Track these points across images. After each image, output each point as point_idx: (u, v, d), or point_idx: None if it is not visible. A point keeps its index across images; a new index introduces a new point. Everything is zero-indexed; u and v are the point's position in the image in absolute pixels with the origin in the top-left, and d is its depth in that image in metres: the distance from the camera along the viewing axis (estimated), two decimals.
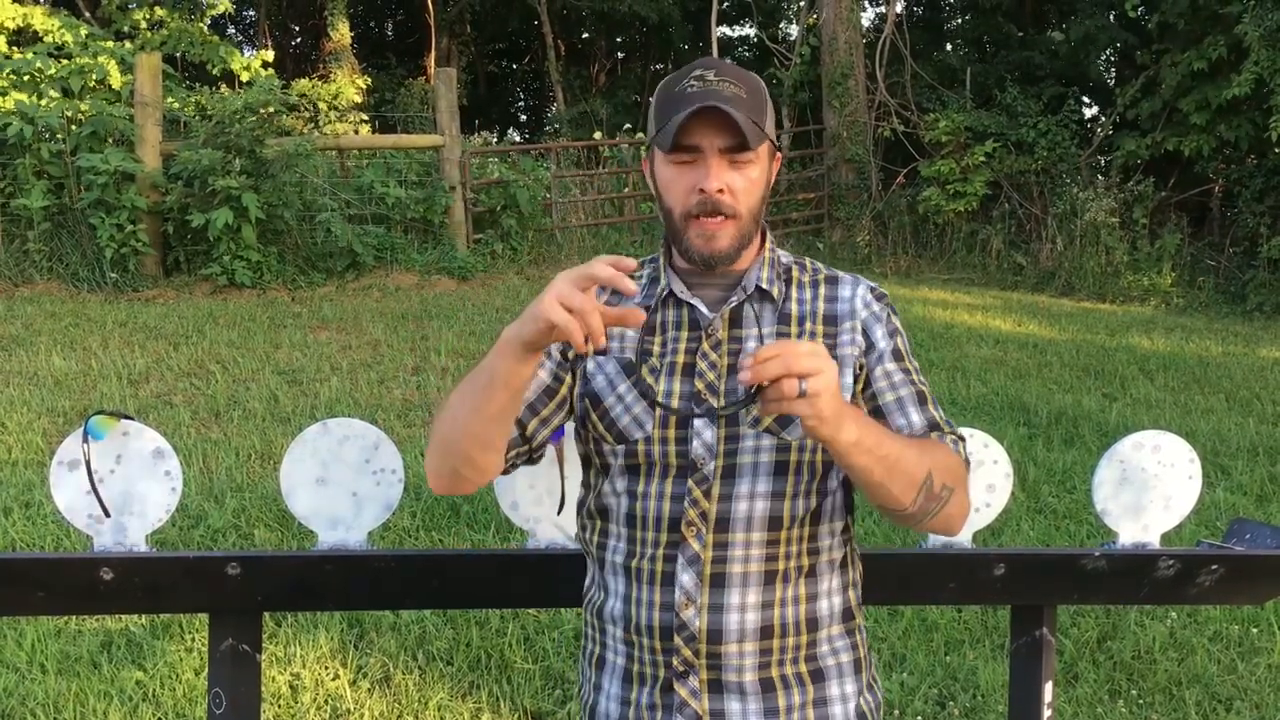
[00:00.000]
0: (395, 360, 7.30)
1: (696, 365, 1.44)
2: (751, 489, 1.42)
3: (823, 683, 1.46)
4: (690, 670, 1.42)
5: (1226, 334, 9.91)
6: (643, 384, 1.45)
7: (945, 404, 6.56)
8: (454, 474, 1.43)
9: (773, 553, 1.43)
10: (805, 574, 1.46)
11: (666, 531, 1.43)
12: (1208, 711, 3.28)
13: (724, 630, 1.41)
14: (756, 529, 1.42)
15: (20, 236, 9.56)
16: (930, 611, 3.78)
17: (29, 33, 12.51)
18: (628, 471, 1.46)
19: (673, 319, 1.48)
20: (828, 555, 1.48)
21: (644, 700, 1.46)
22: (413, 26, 24.79)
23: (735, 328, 1.46)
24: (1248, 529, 2.00)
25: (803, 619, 1.45)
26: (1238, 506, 4.92)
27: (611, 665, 1.50)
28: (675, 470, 1.43)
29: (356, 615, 3.66)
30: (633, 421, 1.44)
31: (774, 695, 1.43)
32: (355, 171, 11.21)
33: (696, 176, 1.40)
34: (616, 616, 1.48)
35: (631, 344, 1.47)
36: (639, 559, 1.45)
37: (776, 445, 1.42)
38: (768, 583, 1.43)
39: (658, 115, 1.43)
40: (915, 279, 12.84)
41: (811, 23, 15.71)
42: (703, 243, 1.42)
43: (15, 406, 5.92)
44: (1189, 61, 12.62)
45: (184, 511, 4.47)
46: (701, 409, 1.42)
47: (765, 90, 1.45)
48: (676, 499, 1.43)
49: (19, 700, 3.17)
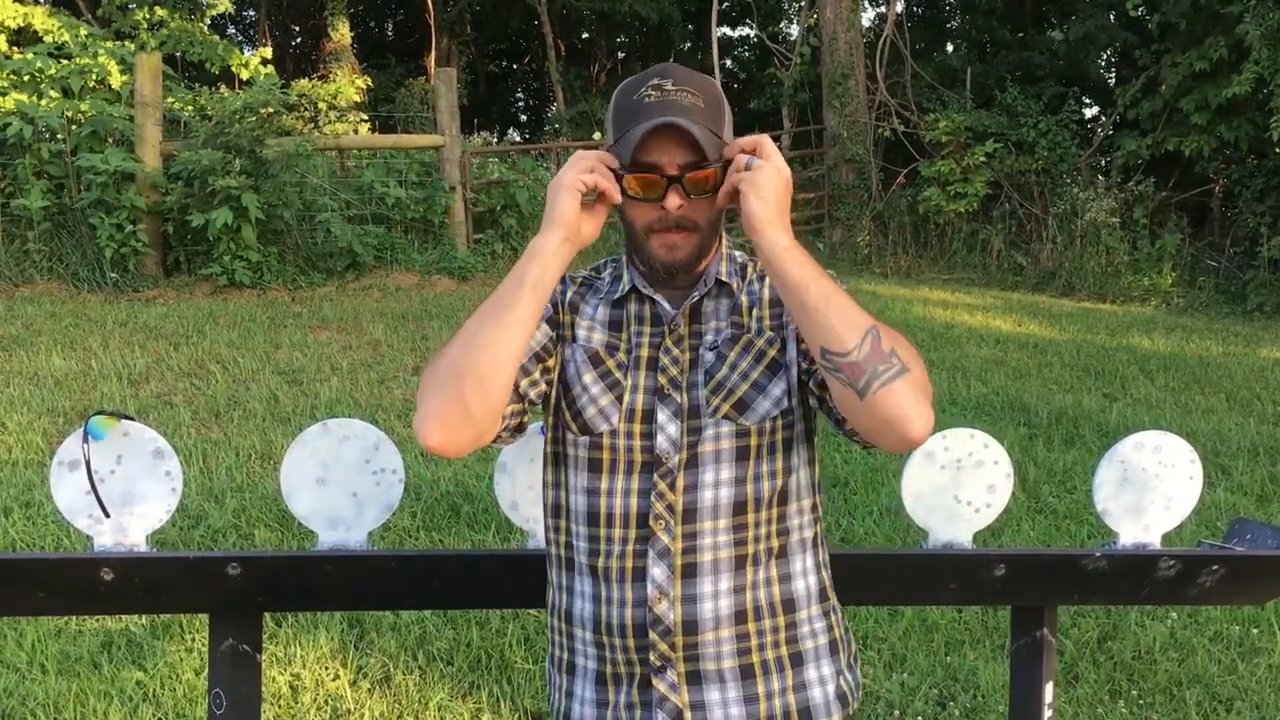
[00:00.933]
0: (395, 360, 7.30)
1: (659, 360, 1.46)
2: (715, 476, 1.43)
3: (802, 666, 1.47)
4: (667, 664, 1.42)
5: (1227, 334, 9.90)
6: (610, 377, 1.46)
7: (945, 404, 6.56)
8: (460, 408, 1.34)
9: (741, 537, 1.44)
10: (776, 555, 1.47)
11: (635, 527, 1.43)
12: (1208, 712, 3.28)
13: (699, 620, 1.42)
14: (723, 515, 1.43)
15: (20, 236, 9.56)
16: (930, 612, 3.77)
17: (29, 33, 12.51)
18: (589, 467, 1.46)
19: (635, 313, 1.50)
20: (798, 534, 1.50)
21: (622, 700, 1.45)
22: (413, 26, 24.80)
23: (695, 322, 1.49)
24: (1248, 529, 2.00)
25: (777, 600, 1.46)
26: (1238, 507, 4.92)
27: (583, 669, 1.49)
28: (640, 465, 1.44)
29: (357, 615, 3.66)
30: (599, 414, 1.46)
31: (753, 682, 1.44)
32: (355, 171, 11.22)
33: (653, 201, 1.40)
34: (585, 619, 1.47)
35: (600, 336, 1.49)
36: (605, 557, 1.44)
37: (736, 431, 1.44)
38: (738, 567, 1.44)
39: (615, 124, 1.43)
40: (916, 279, 12.84)
41: (811, 23, 15.72)
42: (665, 252, 1.43)
43: (16, 406, 5.91)
44: (1190, 61, 12.62)
45: (184, 512, 4.47)
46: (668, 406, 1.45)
47: (722, 95, 1.46)
48: (643, 494, 1.43)
49: (19, 700, 3.16)
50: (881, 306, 10.24)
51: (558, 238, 1.38)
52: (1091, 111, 17.55)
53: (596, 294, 1.54)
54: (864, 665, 3.48)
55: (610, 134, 1.44)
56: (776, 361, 1.46)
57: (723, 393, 1.44)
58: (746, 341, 1.46)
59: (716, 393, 1.44)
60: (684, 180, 1.38)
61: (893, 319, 9.52)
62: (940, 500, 1.90)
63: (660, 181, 1.38)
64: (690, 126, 1.35)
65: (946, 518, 1.91)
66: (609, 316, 1.51)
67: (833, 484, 4.99)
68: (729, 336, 1.47)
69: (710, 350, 1.47)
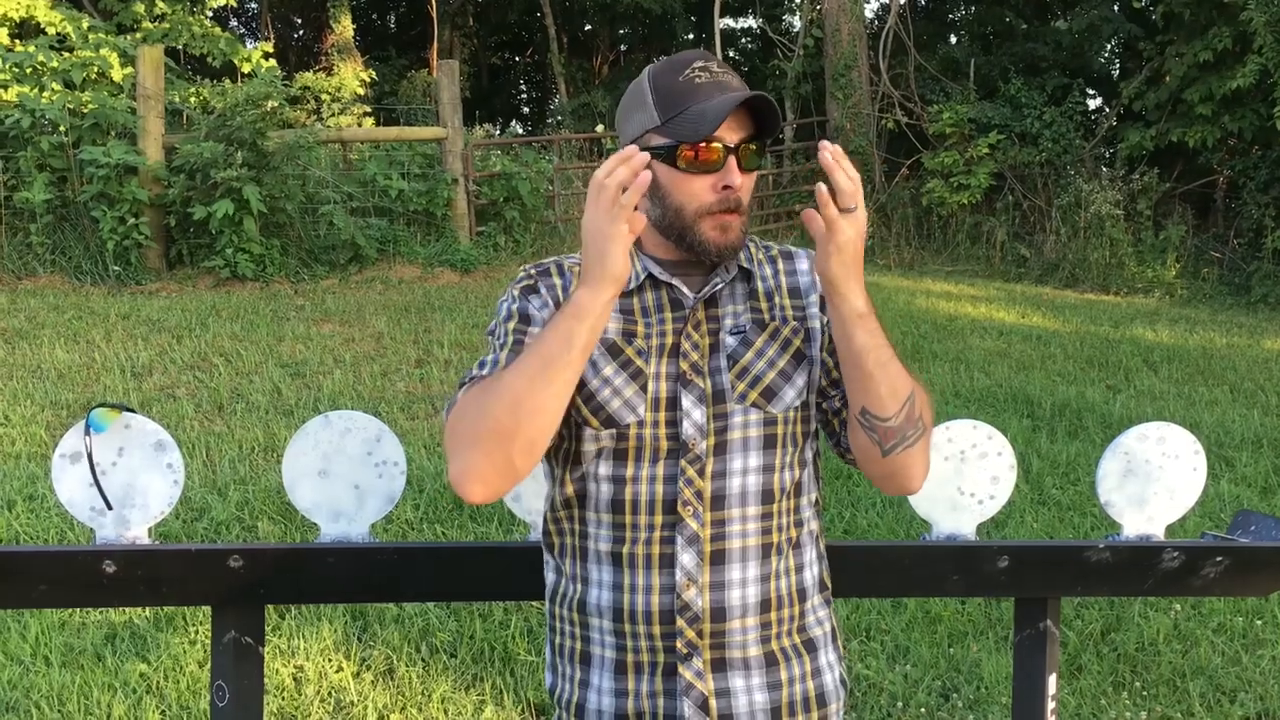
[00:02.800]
0: (398, 353, 7.30)
1: (681, 346, 1.45)
2: (744, 464, 1.43)
3: (815, 653, 1.50)
4: (694, 652, 1.42)
5: (1231, 326, 9.88)
6: (632, 366, 1.44)
7: (949, 396, 6.56)
8: (506, 468, 1.33)
9: (767, 525, 1.45)
10: (794, 545, 1.49)
11: (661, 514, 1.42)
12: (1211, 703, 3.27)
13: (727, 607, 1.42)
14: (752, 503, 1.44)
15: (23, 230, 9.56)
16: (934, 603, 3.77)
17: (31, 25, 12.50)
18: (613, 457, 1.44)
19: (653, 301, 1.48)
20: (809, 526, 1.52)
21: (644, 689, 1.44)
22: (415, 19, 24.77)
23: (712, 307, 1.47)
24: (1252, 521, 2.00)
25: (794, 590, 1.48)
26: (1242, 498, 4.91)
27: (600, 659, 1.48)
28: (666, 452, 1.43)
29: (360, 608, 3.66)
30: (624, 405, 1.43)
31: (776, 669, 1.45)
32: (358, 164, 11.21)
33: (715, 173, 1.39)
34: (604, 607, 1.46)
35: (615, 325, 1.46)
36: (630, 544, 1.43)
37: (764, 420, 1.44)
38: (764, 556, 1.45)
39: (664, 105, 1.40)
40: (919, 271, 12.83)
41: (814, 14, 15.67)
42: (719, 235, 1.41)
43: (19, 399, 5.92)
44: (1194, 52, 12.57)
45: (187, 504, 4.47)
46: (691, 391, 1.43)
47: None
48: (669, 480, 1.42)
49: (23, 693, 3.17)
50: (885, 299, 10.22)
51: (609, 295, 1.31)
52: (1095, 103, 17.51)
53: None
54: (867, 657, 3.49)
55: (656, 115, 1.40)
56: (801, 352, 1.47)
57: (749, 378, 1.44)
58: (773, 329, 1.47)
59: (742, 378, 1.44)
60: (738, 151, 1.38)
61: (896, 311, 9.52)
62: (943, 492, 1.90)
63: (722, 151, 1.37)
64: (758, 100, 1.36)
65: (950, 509, 1.91)
66: (620, 305, 1.48)
67: (836, 476, 4.99)
68: (753, 322, 1.47)
69: (733, 335, 1.46)
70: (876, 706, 3.22)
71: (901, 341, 8.16)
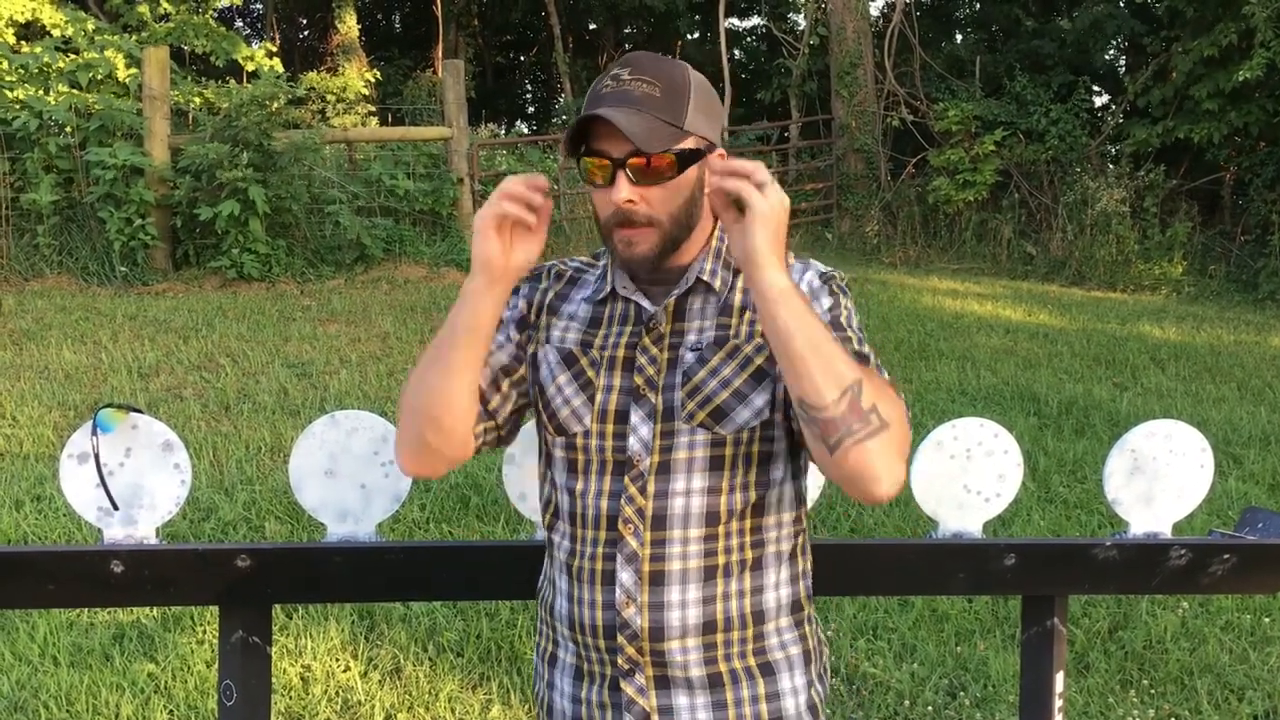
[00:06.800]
0: (405, 353, 7.30)
1: (636, 360, 1.42)
2: (687, 485, 1.40)
3: (773, 676, 1.44)
4: (635, 668, 1.41)
5: (1238, 322, 9.86)
6: (583, 377, 1.44)
7: (955, 394, 6.55)
8: (420, 443, 1.42)
9: (711, 548, 1.41)
10: (750, 567, 1.43)
11: (605, 529, 1.41)
12: (1219, 701, 3.27)
13: (665, 628, 1.39)
14: (694, 525, 1.40)
15: (30, 231, 9.58)
16: (941, 602, 3.77)
17: (37, 26, 12.53)
18: (567, 466, 1.45)
19: (619, 312, 1.46)
20: (774, 547, 1.45)
21: (594, 699, 1.45)
22: (420, 19, 24.78)
23: (679, 320, 1.44)
24: (1260, 518, 1.99)
25: (748, 612, 1.43)
26: (1250, 496, 4.90)
27: (563, 662, 1.49)
28: (612, 466, 1.41)
29: (367, 607, 3.67)
30: (571, 414, 1.44)
31: (722, 689, 1.42)
32: (363, 164, 11.22)
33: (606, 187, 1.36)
34: (563, 615, 1.46)
35: (575, 335, 1.47)
36: (579, 558, 1.44)
37: (711, 440, 1.40)
38: (708, 578, 1.41)
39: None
40: (925, 269, 12.81)
41: (819, 12, 15.66)
42: (623, 248, 1.39)
43: (26, 400, 5.94)
44: (1200, 48, 12.53)
45: (195, 504, 4.48)
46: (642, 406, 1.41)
47: (689, 83, 1.38)
48: (614, 496, 1.41)
49: (31, 692, 3.18)
50: (890, 296, 10.21)
51: (481, 281, 1.37)
52: (1101, 100, 17.48)
53: (583, 289, 1.50)
54: (874, 655, 3.48)
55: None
56: (762, 370, 1.40)
57: (699, 398, 1.39)
58: (733, 347, 1.41)
59: (693, 397, 1.40)
60: (626, 166, 1.33)
61: (902, 309, 9.51)
62: (950, 490, 1.90)
63: (607, 164, 1.35)
64: (615, 116, 1.30)
65: (956, 507, 1.90)
66: (591, 314, 1.47)
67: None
68: (714, 339, 1.42)
69: (691, 351, 1.42)
70: (884, 705, 3.22)
71: (908, 339, 8.15)
